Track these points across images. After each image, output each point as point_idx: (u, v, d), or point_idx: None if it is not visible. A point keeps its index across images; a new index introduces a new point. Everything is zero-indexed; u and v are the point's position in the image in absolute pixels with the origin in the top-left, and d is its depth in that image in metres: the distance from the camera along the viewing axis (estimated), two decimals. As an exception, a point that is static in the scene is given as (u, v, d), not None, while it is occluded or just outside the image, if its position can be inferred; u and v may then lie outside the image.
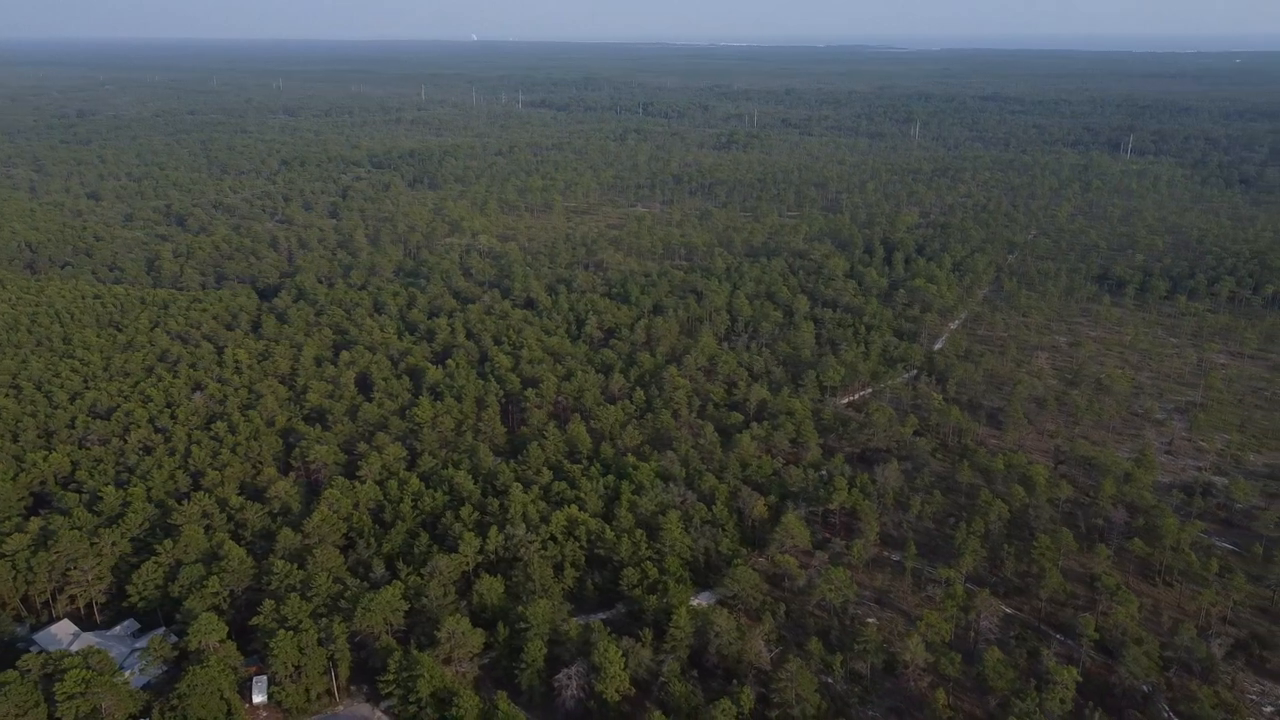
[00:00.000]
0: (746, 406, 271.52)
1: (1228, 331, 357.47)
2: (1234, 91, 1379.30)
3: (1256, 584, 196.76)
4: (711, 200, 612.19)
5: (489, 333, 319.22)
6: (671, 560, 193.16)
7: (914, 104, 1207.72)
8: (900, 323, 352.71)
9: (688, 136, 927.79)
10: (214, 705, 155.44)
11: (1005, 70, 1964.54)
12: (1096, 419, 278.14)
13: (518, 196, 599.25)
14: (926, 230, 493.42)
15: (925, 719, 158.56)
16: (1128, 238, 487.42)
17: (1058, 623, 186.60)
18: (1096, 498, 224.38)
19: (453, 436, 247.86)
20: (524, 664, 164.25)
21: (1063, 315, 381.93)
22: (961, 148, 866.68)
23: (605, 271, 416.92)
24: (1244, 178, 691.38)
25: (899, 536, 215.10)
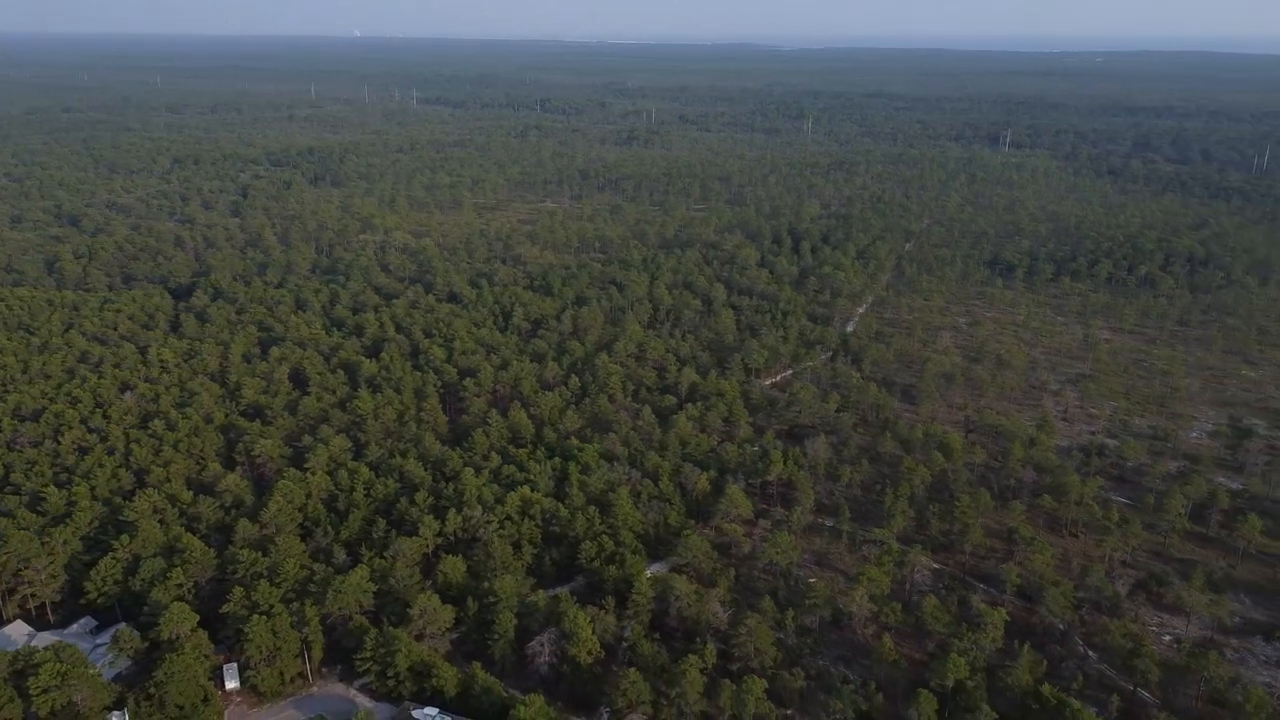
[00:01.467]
0: (678, 389, 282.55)
1: (1108, 309, 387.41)
2: (1097, 89, 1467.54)
3: (1150, 531, 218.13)
4: (620, 195, 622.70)
5: (419, 326, 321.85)
6: (625, 533, 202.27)
7: (805, 101, 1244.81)
8: (813, 307, 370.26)
9: (589, 133, 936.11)
10: (192, 691, 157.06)
11: (885, 69, 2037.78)
12: (999, 391, 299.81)
13: (426, 193, 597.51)
14: (829, 221, 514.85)
15: (873, 664, 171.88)
16: (1013, 225, 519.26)
17: (981, 574, 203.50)
18: (1007, 461, 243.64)
19: (396, 426, 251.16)
20: (496, 635, 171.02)
21: (960, 298, 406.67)
22: (853, 143, 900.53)
23: (525, 265, 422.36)
24: (1111, 169, 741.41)
25: (832, 504, 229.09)
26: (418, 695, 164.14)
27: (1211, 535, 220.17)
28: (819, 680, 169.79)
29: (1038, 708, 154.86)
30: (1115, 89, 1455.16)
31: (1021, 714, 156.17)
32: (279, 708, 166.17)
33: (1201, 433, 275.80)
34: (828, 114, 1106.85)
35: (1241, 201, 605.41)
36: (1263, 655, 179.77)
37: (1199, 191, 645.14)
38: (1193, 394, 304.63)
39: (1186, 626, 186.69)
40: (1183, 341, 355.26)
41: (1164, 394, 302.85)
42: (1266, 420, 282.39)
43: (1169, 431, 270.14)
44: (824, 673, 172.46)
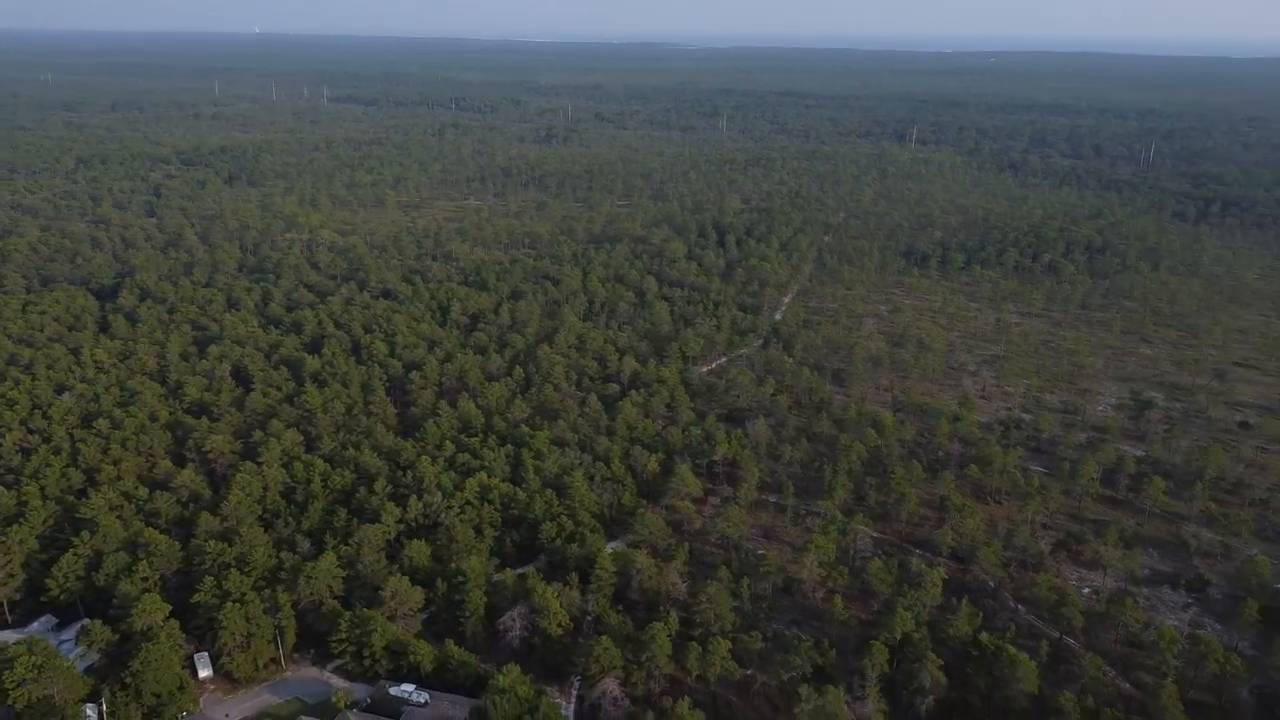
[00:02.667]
0: (621, 377, 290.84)
1: (1017, 295, 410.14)
2: (993, 88, 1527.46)
3: (1066, 496, 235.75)
4: (543, 192, 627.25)
5: (358, 322, 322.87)
6: (583, 514, 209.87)
7: (718, 99, 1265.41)
8: (743, 297, 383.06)
9: (506, 131, 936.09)
10: (169, 679, 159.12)
11: (792, 68, 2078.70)
12: (922, 373, 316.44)
13: (348, 192, 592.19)
14: (751, 215, 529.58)
15: (824, 624, 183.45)
16: (925, 217, 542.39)
17: (917, 540, 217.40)
18: (934, 436, 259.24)
19: (346, 420, 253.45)
20: (467, 613, 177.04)
21: (880, 287, 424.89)
22: (767, 140, 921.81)
23: (457, 262, 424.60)
24: (1012, 163, 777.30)
25: (774, 481, 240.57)
26: (393, 673, 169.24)
27: (1120, 498, 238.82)
28: (775, 641, 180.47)
29: (977, 654, 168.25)
30: (1010, 88, 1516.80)
31: (962, 661, 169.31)
32: (254, 693, 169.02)
33: (1107, 406, 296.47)
34: (741, 112, 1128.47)
35: (1131, 193, 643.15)
36: (1171, 601, 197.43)
37: (1093, 184, 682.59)
38: (1097, 371, 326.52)
39: (1103, 579, 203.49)
40: (1086, 323, 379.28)
41: (1071, 372, 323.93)
42: (1163, 393, 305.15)
43: (1078, 406, 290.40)
44: (779, 635, 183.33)
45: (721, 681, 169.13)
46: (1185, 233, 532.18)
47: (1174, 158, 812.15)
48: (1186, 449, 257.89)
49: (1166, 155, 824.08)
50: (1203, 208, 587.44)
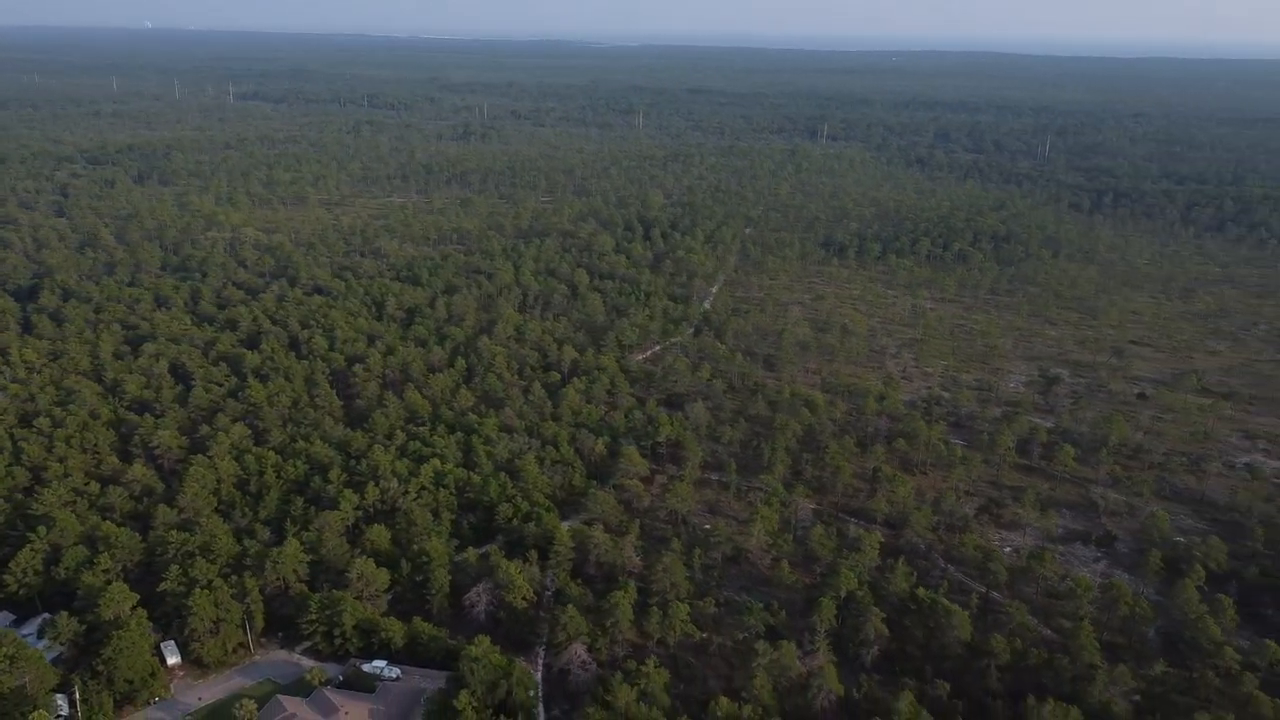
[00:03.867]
0: (561, 366, 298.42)
1: (930, 282, 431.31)
2: (897, 85, 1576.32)
3: (985, 465, 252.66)
4: (467, 189, 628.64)
5: (294, 318, 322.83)
6: (537, 495, 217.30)
7: (632, 97, 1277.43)
8: (672, 288, 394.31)
9: (423, 129, 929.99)
10: (141, 666, 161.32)
11: (702, 66, 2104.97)
12: (848, 356, 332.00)
13: (266, 190, 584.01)
14: (675, 209, 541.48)
15: (772, 588, 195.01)
16: (840, 210, 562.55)
17: (852, 509, 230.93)
18: (863, 414, 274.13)
19: (293, 412, 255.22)
20: (433, 591, 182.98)
21: (802, 276, 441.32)
22: (683, 136, 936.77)
23: (387, 258, 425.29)
24: (919, 158, 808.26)
25: (716, 461, 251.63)
26: (364, 651, 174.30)
27: (1034, 465, 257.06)
28: (728, 606, 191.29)
29: (914, 608, 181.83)
30: (912, 86, 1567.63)
31: (901, 615, 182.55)
32: (224, 677, 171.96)
33: (1017, 383, 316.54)
34: (656, 109, 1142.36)
35: (1031, 186, 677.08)
36: (1083, 556, 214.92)
37: (995, 177, 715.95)
38: (1007, 351, 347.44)
39: (1022, 538, 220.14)
40: (995, 307, 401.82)
41: (984, 352, 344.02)
42: (1068, 370, 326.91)
43: (991, 383, 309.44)
44: (731, 600, 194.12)
45: (680, 644, 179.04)
46: (1081, 222, 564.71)
47: (1068, 152, 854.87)
48: (1091, 419, 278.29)
49: (1061, 150, 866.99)
50: (1096, 199, 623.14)
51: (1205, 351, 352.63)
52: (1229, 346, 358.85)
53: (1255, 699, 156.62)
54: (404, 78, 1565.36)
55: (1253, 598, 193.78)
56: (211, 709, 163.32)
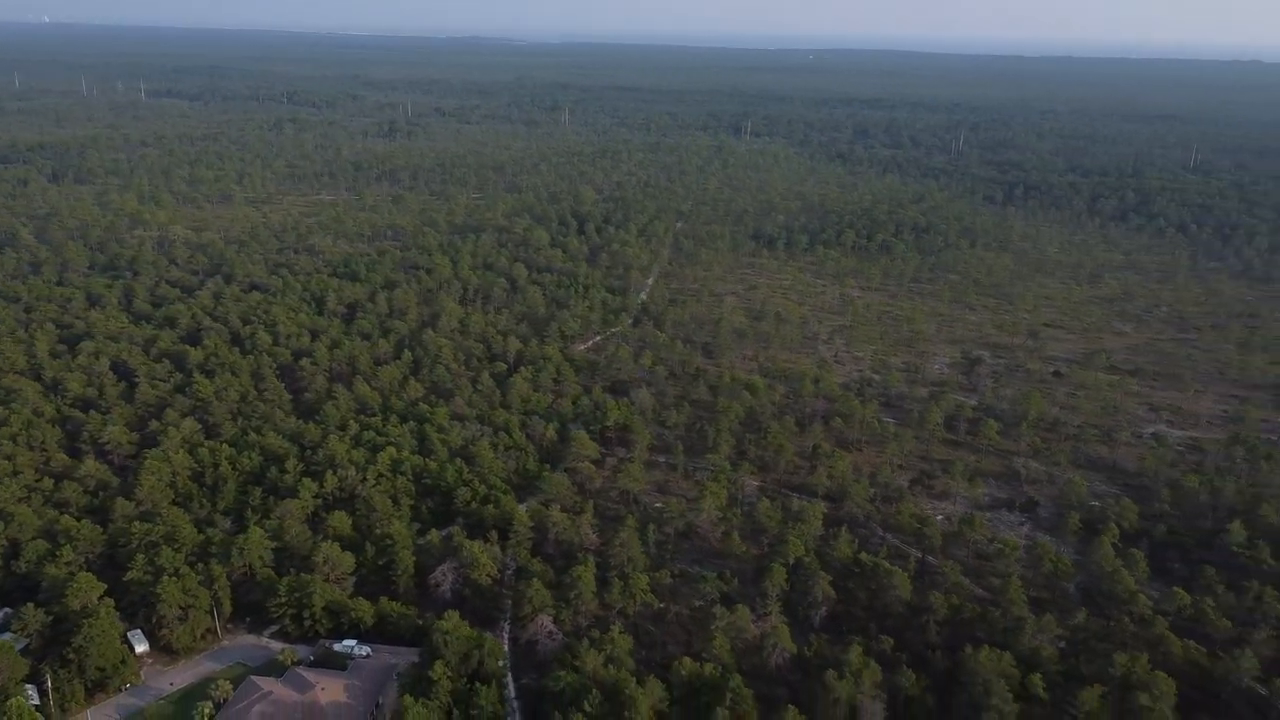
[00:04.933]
0: (507, 357, 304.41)
1: (856, 271, 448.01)
2: (816, 83, 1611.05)
3: (916, 441, 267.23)
4: (397, 186, 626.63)
5: (234, 314, 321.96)
6: (493, 478, 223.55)
7: (557, 94, 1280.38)
8: (610, 280, 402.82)
9: (347, 126, 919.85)
10: (112, 653, 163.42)
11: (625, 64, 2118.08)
12: (782, 343, 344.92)
13: (190, 188, 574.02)
14: (607, 204, 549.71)
15: (724, 559, 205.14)
16: (768, 204, 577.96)
17: (794, 485, 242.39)
18: (800, 396, 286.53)
19: (242, 406, 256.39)
20: (399, 572, 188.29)
21: (734, 268, 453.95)
22: (610, 133, 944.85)
23: (322, 255, 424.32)
24: (839, 153, 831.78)
25: (662, 444, 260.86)
26: (333, 632, 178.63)
27: (961, 440, 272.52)
28: (683, 578, 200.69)
29: (858, 571, 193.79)
30: (830, 83, 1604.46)
31: (845, 578, 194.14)
32: (194, 662, 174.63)
33: (942, 365, 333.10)
34: (581, 106, 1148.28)
35: (947, 179, 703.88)
36: (1009, 521, 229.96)
37: (913, 171, 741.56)
38: (931, 335, 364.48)
39: (953, 507, 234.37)
40: (918, 295, 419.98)
41: (910, 337, 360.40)
42: (989, 351, 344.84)
43: (918, 365, 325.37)
44: (685, 572, 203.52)
45: (640, 614, 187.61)
46: (995, 213, 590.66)
47: (980, 147, 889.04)
48: (1011, 396, 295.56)
49: (974, 145, 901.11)
50: (1008, 191, 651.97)
51: (1112, 333, 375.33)
52: (1134, 328, 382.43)
53: (1166, 639, 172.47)
54: (323, 75, 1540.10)
55: (1161, 553, 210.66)
56: (184, 693, 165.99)
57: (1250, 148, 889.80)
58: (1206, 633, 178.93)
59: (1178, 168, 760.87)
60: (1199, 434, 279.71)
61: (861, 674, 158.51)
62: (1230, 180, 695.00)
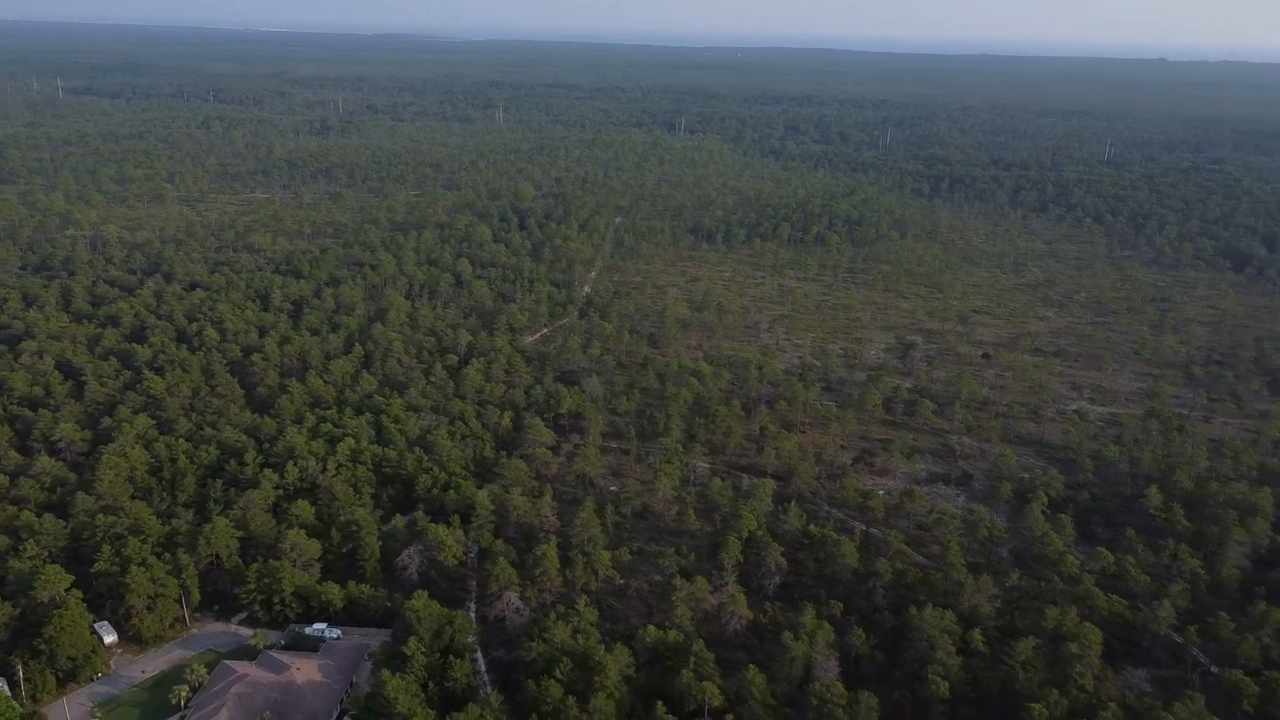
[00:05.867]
0: (458, 349, 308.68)
1: (793, 263, 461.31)
2: (745, 80, 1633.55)
3: (857, 421, 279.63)
4: (334, 183, 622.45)
5: (179, 312, 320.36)
6: (453, 465, 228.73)
7: (490, 91, 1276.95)
8: (554, 274, 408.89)
9: (278, 123, 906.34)
10: (82, 644, 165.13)
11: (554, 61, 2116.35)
12: (725, 332, 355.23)
13: (119, 187, 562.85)
14: (547, 200, 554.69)
15: (679, 537, 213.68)
16: (705, 198, 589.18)
17: (743, 466, 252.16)
18: (746, 382, 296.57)
19: (195, 402, 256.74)
20: (365, 557, 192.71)
21: (674, 261, 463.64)
22: (545, 130, 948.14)
23: (262, 252, 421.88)
24: (772, 149, 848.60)
25: (614, 430, 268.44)
26: (302, 616, 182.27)
27: (898, 420, 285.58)
28: (641, 555, 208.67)
29: (808, 542, 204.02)
30: (760, 81, 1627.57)
31: (796, 549, 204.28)
32: (164, 651, 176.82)
33: (878, 350, 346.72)
34: (515, 103, 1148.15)
35: (876, 174, 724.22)
36: (945, 494, 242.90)
37: (843, 166, 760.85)
38: (867, 322, 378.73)
39: (893, 482, 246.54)
40: (853, 284, 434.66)
41: (847, 324, 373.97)
42: (921, 337, 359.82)
43: (855, 351, 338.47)
44: (643, 549, 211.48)
45: (602, 589, 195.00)
46: (923, 206, 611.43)
47: (906, 142, 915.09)
48: (944, 378, 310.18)
49: (900, 140, 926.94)
50: (934, 184, 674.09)
51: (1036, 317, 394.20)
52: (1056, 312, 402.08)
53: (1092, 594, 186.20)
54: (248, 72, 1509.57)
55: (1086, 518, 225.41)
56: (157, 680, 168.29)
57: (1159, 141, 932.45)
58: (1128, 588, 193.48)
59: (1093, 161, 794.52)
60: (1117, 409, 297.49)
61: (815, 634, 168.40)
62: (1141, 172, 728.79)
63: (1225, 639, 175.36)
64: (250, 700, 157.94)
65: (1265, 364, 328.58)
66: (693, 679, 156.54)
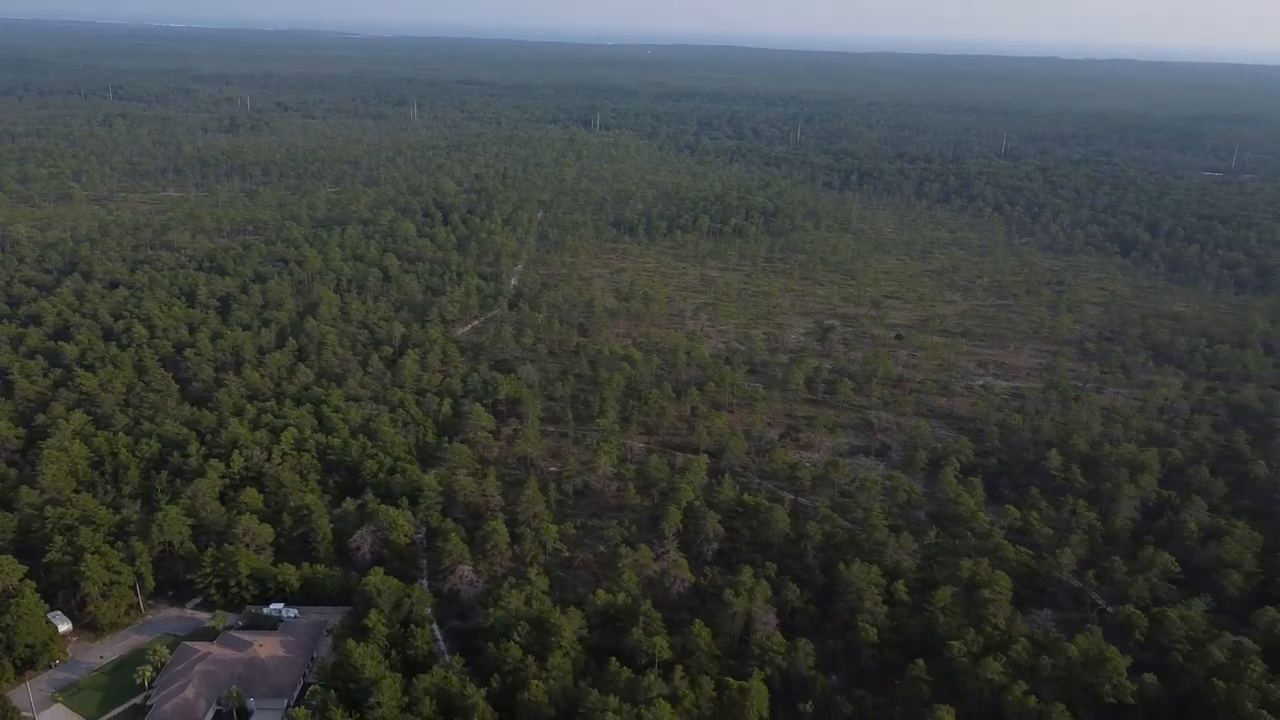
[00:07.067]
0: (392, 341, 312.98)
1: (714, 253, 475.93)
2: (657, 77, 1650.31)
3: (781, 401, 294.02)
4: (249, 181, 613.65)
5: (104, 310, 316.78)
6: (397, 450, 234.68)
7: (403, 88, 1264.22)
8: (481, 267, 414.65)
9: (185, 121, 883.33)
10: (40, 632, 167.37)
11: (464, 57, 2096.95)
12: (653, 320, 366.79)
13: (22, 186, 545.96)
14: (469, 195, 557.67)
15: (620, 512, 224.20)
16: (625, 193, 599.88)
17: (677, 444, 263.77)
18: (675, 366, 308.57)
19: (130, 398, 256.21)
20: (319, 539, 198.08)
21: (599, 253, 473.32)
22: (461, 127, 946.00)
23: (182, 250, 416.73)
24: (687, 144, 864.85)
25: (551, 414, 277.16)
26: (259, 598, 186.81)
27: (820, 398, 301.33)
28: (584, 529, 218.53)
29: (743, 511, 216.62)
30: (671, 78, 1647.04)
31: (732, 518, 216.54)
32: (120, 637, 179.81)
33: (798, 334, 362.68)
34: (429, 100, 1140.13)
35: (788, 167, 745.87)
36: (866, 463, 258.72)
37: (756, 160, 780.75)
38: (786, 308, 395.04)
39: (818, 455, 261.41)
40: (771, 273, 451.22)
41: (768, 311, 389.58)
42: (839, 321, 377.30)
43: (777, 335, 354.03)
44: (585, 524, 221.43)
45: (549, 561, 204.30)
46: (835, 198, 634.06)
47: (816, 137, 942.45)
48: (860, 359, 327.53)
49: (810, 135, 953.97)
50: (844, 177, 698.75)
51: (943, 301, 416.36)
52: (961, 296, 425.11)
53: (1001, 547, 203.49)
54: (148, 68, 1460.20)
55: (994, 480, 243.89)
56: (117, 664, 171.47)
57: (1052, 135, 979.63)
58: (1033, 540, 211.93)
59: (991, 154, 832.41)
60: (1019, 383, 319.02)
61: (754, 591, 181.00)
62: (1036, 165, 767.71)
63: (1119, 581, 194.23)
64: (215, 677, 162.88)
65: (1150, 339, 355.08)
66: (643, 635, 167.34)
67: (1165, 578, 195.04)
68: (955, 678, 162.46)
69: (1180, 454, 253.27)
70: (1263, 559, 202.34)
